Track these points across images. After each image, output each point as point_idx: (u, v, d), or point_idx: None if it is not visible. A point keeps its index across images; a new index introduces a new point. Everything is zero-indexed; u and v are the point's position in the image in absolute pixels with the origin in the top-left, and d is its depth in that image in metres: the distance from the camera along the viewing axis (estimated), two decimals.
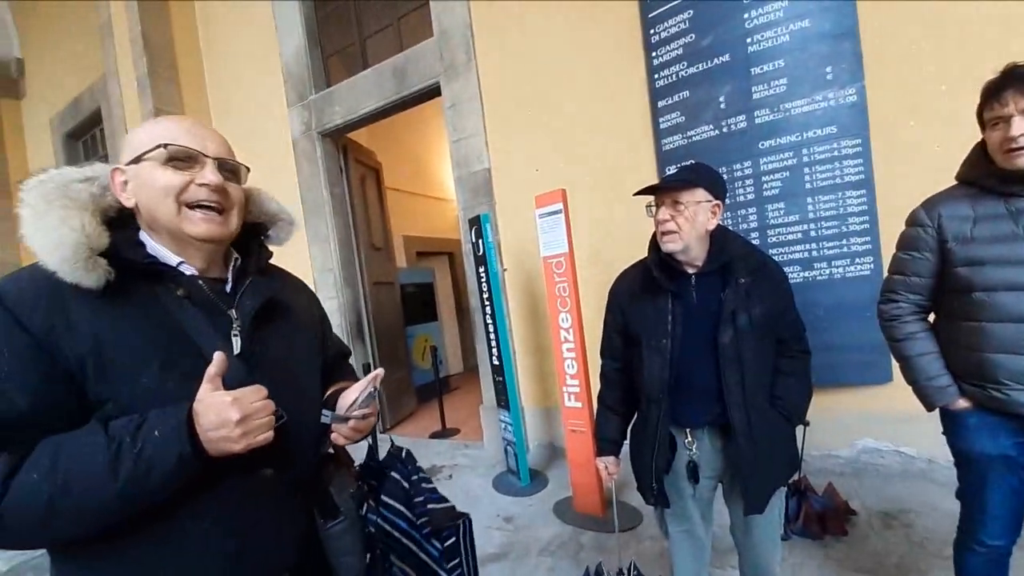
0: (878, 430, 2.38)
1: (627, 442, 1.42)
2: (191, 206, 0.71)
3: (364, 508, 0.86)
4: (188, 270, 0.74)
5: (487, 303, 2.99)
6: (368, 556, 0.85)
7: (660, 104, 2.63)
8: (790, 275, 2.32)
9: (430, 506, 0.94)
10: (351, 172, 4.33)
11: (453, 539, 0.93)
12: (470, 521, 0.99)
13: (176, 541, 0.67)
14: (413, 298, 5.45)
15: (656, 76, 2.62)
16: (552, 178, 2.95)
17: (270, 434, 0.67)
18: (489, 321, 3.00)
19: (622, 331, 1.36)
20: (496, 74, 3.21)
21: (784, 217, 2.38)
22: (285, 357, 0.81)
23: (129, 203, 0.71)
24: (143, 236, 0.73)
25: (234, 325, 0.75)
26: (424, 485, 0.95)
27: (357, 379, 0.94)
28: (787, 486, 1.56)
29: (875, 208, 2.23)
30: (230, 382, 0.68)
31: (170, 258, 0.73)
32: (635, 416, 1.41)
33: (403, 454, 0.96)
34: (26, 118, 6.75)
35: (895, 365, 1.38)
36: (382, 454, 0.99)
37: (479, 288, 3.07)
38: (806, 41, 2.27)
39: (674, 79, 2.57)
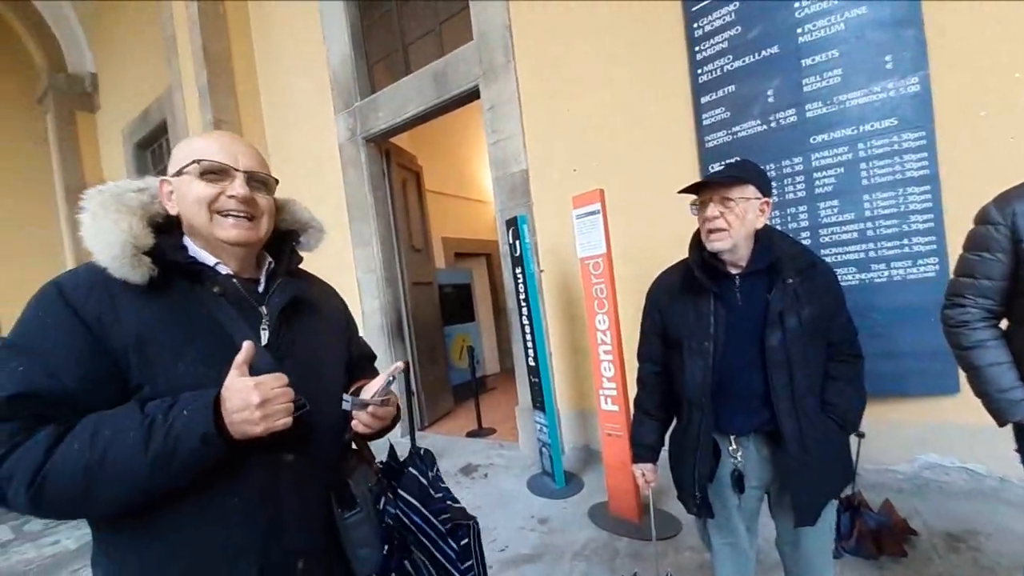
0: (943, 445, 2.21)
1: (665, 449, 1.37)
2: (222, 214, 0.78)
3: (383, 502, 0.88)
4: (224, 270, 0.81)
5: (524, 304, 2.99)
6: (386, 548, 0.86)
7: (703, 100, 2.54)
8: (844, 277, 2.22)
9: (448, 502, 0.95)
10: (393, 176, 4.45)
11: (466, 540, 0.94)
12: (478, 525, 1.00)
13: (209, 517, 0.72)
14: (451, 298, 5.53)
15: (699, 71, 2.55)
16: (589, 178, 2.92)
17: (289, 420, 0.71)
18: (525, 322, 3.00)
19: (661, 333, 1.32)
20: (534, 75, 3.22)
21: (838, 215, 2.25)
22: (310, 351, 0.87)
23: (173, 211, 0.79)
24: (186, 240, 0.81)
25: (264, 320, 0.81)
26: (440, 484, 0.96)
27: (372, 378, 0.98)
28: (839, 500, 1.48)
29: (940, 205, 2.07)
30: (258, 371, 0.73)
31: (208, 259, 0.80)
32: (674, 422, 1.36)
33: (421, 452, 0.98)
34: (100, 129, 7.36)
35: (963, 375, 1.28)
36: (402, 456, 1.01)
37: (516, 289, 3.08)
38: (863, 29, 2.13)
39: (718, 73, 2.48)
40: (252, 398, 0.67)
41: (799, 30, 2.25)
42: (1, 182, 6.90)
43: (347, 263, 4.41)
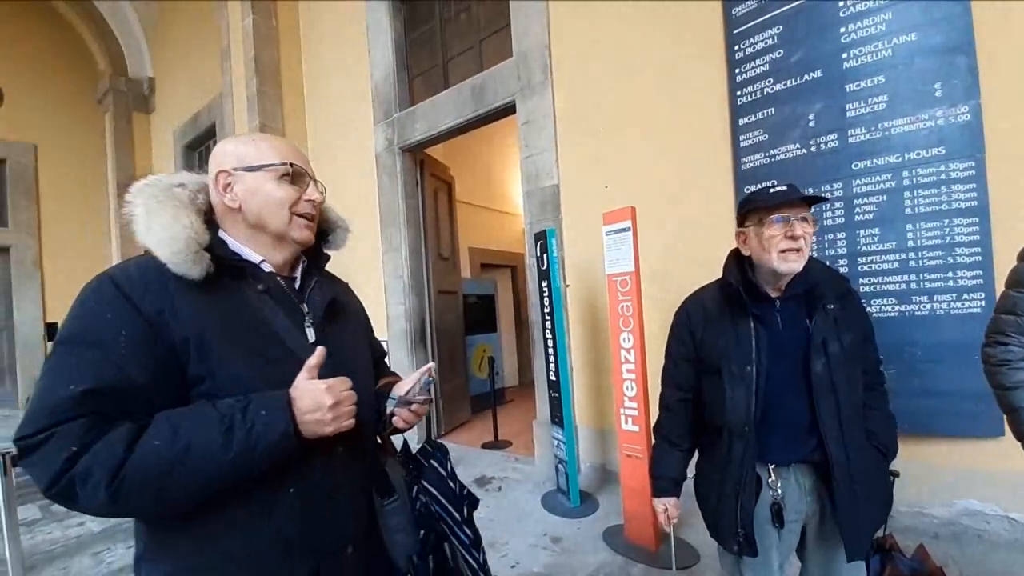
0: (984, 491, 2.08)
1: (689, 479, 1.32)
2: (299, 216, 0.83)
3: (415, 490, 0.93)
4: (267, 268, 0.83)
5: (548, 318, 2.98)
6: (421, 533, 0.90)
7: (741, 122, 2.52)
8: (883, 307, 2.15)
9: (465, 491, 1.00)
10: (426, 185, 4.54)
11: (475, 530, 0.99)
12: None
13: (266, 509, 0.74)
14: (475, 308, 5.56)
15: (738, 93, 2.53)
16: (620, 196, 2.92)
17: (353, 421, 0.76)
18: (549, 336, 2.99)
19: (693, 358, 1.26)
20: (571, 92, 3.26)
21: (879, 244, 2.18)
22: (346, 348, 0.89)
23: (233, 204, 0.80)
24: (222, 235, 0.81)
25: (306, 317, 0.83)
26: (456, 476, 1.01)
27: (396, 376, 1.04)
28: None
29: (989, 239, 1.99)
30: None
31: (253, 257, 0.81)
32: (701, 453, 1.31)
33: (438, 447, 1.02)
34: (153, 130, 7.77)
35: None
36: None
37: (540, 302, 3.07)
38: (912, 55, 2.09)
39: (758, 96, 2.46)
40: (325, 400, 0.71)
41: (844, 55, 2.21)
42: (59, 176, 7.32)
43: (375, 268, 4.50)
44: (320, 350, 0.75)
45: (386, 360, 1.17)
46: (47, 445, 0.61)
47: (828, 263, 1.84)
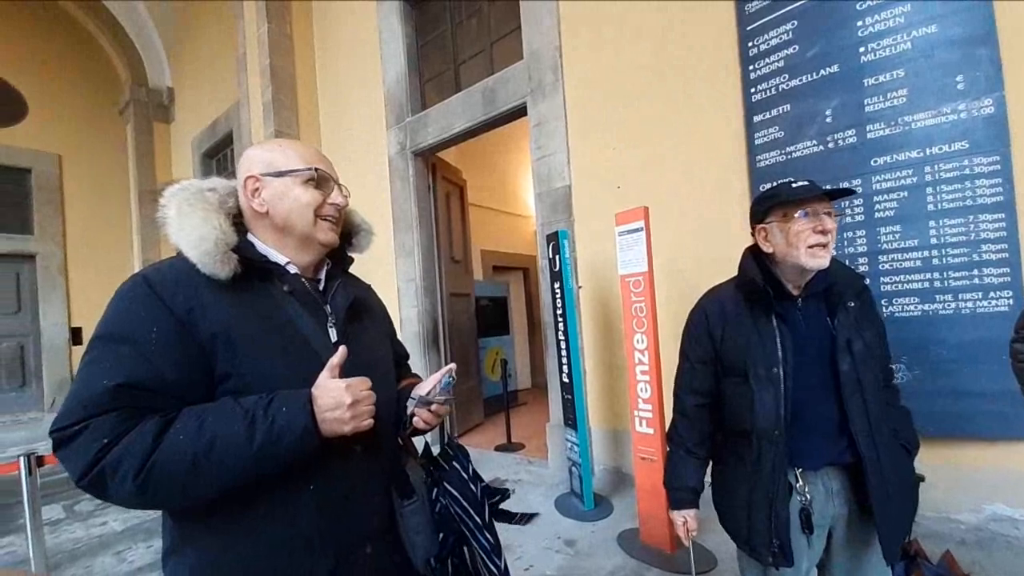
0: (1013, 495, 2.01)
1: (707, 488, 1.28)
2: (323, 219, 0.84)
3: (435, 492, 0.93)
4: (293, 269, 0.84)
5: (560, 319, 2.97)
6: (440, 536, 0.90)
7: (756, 119, 2.49)
8: (905, 307, 2.10)
9: (486, 497, 0.98)
10: (438, 189, 4.57)
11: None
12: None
13: (287, 506, 0.75)
14: (487, 311, 5.56)
15: (752, 90, 2.50)
16: (633, 196, 2.89)
17: (372, 420, 0.76)
18: (561, 337, 2.97)
19: (713, 361, 1.20)
20: (582, 93, 3.25)
21: (900, 242, 2.12)
22: (368, 349, 0.90)
23: (261, 208, 0.82)
24: (250, 237, 0.84)
25: (329, 318, 0.85)
26: (479, 479, 1.00)
27: (418, 378, 1.04)
28: None
29: (1016, 235, 1.92)
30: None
31: (279, 258, 0.83)
32: (721, 462, 1.26)
33: (459, 449, 1.01)
34: (173, 139, 7.95)
35: None
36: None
37: (553, 304, 3.06)
38: (932, 48, 2.04)
39: (773, 92, 2.43)
40: (345, 398, 0.72)
41: (862, 49, 2.17)
42: (82, 186, 7.52)
43: (389, 271, 4.53)
44: (342, 349, 0.76)
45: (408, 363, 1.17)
46: (81, 437, 0.64)
47: (848, 262, 1.80)
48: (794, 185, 1.07)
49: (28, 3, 7.00)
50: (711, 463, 1.30)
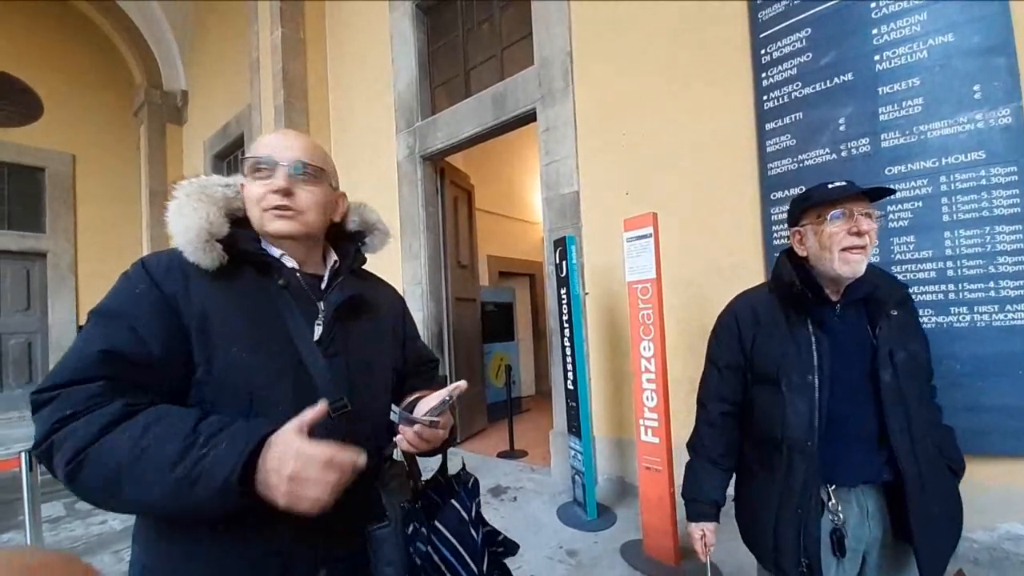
0: None
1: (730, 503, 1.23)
2: (267, 210, 0.79)
3: (411, 528, 0.81)
4: (289, 263, 0.82)
5: (566, 326, 2.94)
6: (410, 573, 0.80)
7: (768, 127, 2.47)
8: (920, 318, 2.04)
9: (487, 546, 0.88)
10: (446, 193, 4.57)
11: None
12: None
13: (234, 518, 0.65)
14: (492, 316, 5.54)
15: (764, 97, 2.48)
16: (642, 202, 2.87)
17: (317, 507, 0.62)
18: (567, 344, 2.94)
19: (741, 366, 1.16)
20: (592, 98, 3.24)
21: (914, 252, 2.09)
22: (362, 351, 0.86)
23: (245, 205, 0.83)
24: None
25: (319, 315, 0.81)
26: (482, 522, 0.89)
27: (440, 387, 0.93)
28: None
29: None
30: (309, 364, 0.76)
31: (273, 251, 0.82)
32: (747, 473, 1.20)
33: (469, 483, 0.91)
34: (185, 141, 8.04)
35: None
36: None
37: (559, 310, 3.04)
38: (948, 57, 2.02)
39: (785, 100, 2.40)
40: (285, 468, 0.60)
41: (877, 57, 2.15)
42: (95, 185, 7.63)
43: (395, 275, 4.53)
44: (321, 405, 0.66)
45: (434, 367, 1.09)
46: (51, 404, 0.62)
47: None
48: (830, 186, 1.03)
49: (47, 4, 7.14)
50: (735, 475, 1.25)
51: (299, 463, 0.60)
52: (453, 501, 0.86)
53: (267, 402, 0.72)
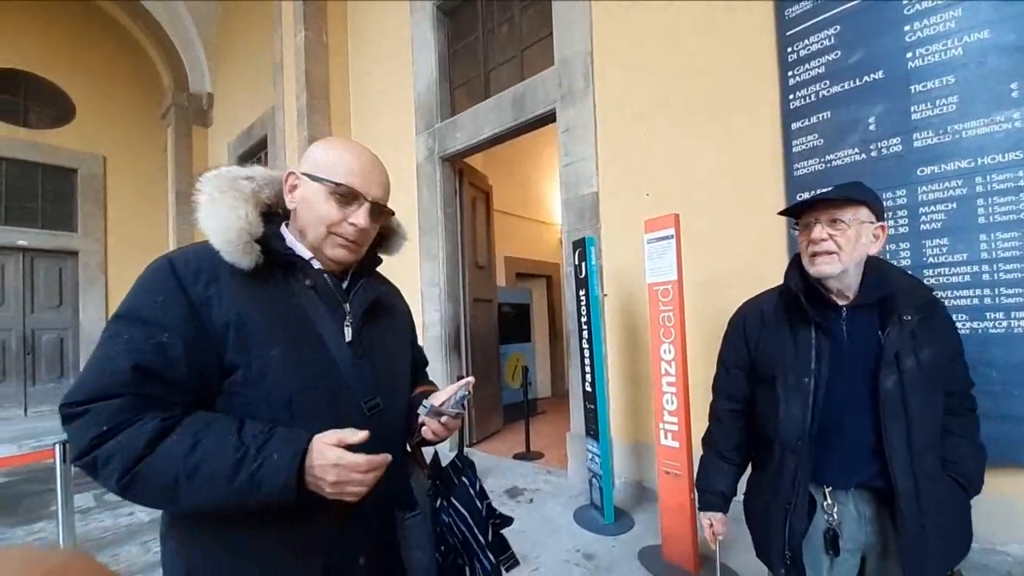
0: None
1: (738, 500, 1.25)
2: (338, 236, 0.80)
3: (438, 503, 0.90)
4: (317, 265, 0.83)
5: (584, 327, 2.92)
6: (439, 552, 0.87)
7: (794, 126, 2.41)
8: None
9: (491, 519, 0.94)
10: (464, 194, 4.59)
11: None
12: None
13: (279, 514, 0.72)
14: (509, 317, 5.55)
15: (791, 96, 2.43)
16: (663, 203, 2.84)
17: (359, 494, 0.71)
18: (585, 346, 2.92)
19: (747, 367, 1.21)
20: (612, 99, 3.22)
21: (948, 255, 2.02)
22: (386, 351, 0.89)
23: (291, 205, 0.82)
24: (283, 230, 0.84)
25: (347, 317, 0.83)
26: (485, 496, 0.96)
27: (434, 387, 1.01)
28: None
29: None
30: (341, 365, 0.77)
31: (304, 253, 0.83)
32: (753, 467, 1.24)
33: (470, 462, 0.98)
34: (210, 143, 8.23)
35: None
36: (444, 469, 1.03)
37: (577, 311, 3.02)
38: (984, 54, 1.95)
39: (813, 99, 2.35)
40: (328, 475, 0.68)
41: (909, 55, 2.09)
42: (124, 186, 7.86)
43: (413, 275, 4.56)
44: (363, 433, 0.71)
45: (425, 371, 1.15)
46: (83, 418, 0.64)
47: None
48: (798, 198, 1.07)
49: (79, 8, 7.38)
50: (749, 471, 1.28)
51: (339, 472, 0.68)
52: (463, 478, 0.95)
53: (305, 404, 0.74)
